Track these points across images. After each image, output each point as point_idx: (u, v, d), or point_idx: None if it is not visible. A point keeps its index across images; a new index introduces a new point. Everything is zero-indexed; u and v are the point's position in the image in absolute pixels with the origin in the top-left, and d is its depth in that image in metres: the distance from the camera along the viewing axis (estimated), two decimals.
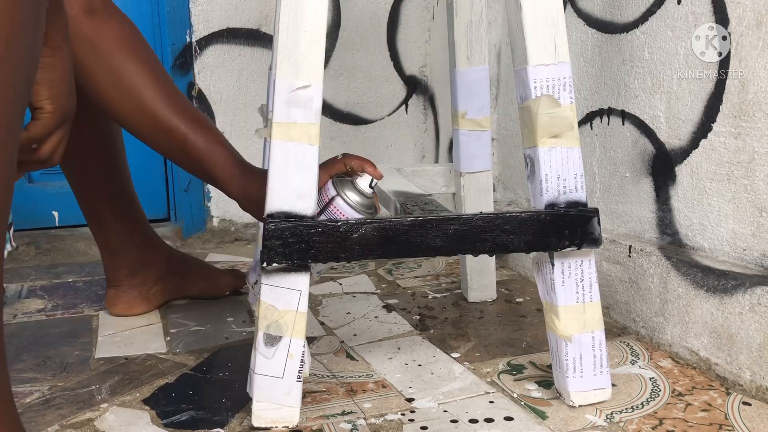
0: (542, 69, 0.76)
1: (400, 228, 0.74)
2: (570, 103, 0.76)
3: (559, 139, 0.77)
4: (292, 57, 0.71)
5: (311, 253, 0.72)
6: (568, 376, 0.79)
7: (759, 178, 0.84)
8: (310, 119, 0.72)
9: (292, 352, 0.74)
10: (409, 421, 0.76)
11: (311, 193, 0.72)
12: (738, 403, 0.80)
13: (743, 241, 0.87)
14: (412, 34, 1.69)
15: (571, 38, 1.16)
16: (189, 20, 1.51)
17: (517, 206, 1.33)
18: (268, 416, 0.75)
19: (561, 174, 0.77)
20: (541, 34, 0.75)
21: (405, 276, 1.31)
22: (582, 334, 0.79)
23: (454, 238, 0.75)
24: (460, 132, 1.09)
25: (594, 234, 0.77)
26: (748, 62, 0.84)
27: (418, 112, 1.73)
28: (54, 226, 1.57)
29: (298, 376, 0.74)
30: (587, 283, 0.79)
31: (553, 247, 0.77)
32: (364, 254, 0.74)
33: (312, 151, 0.72)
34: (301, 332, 0.74)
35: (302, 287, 0.73)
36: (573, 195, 0.77)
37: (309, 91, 0.71)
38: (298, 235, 0.72)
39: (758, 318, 0.80)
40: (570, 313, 0.78)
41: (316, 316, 1.09)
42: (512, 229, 0.76)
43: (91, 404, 0.80)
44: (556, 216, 0.77)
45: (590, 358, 0.79)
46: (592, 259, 0.79)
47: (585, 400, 0.79)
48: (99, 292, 1.19)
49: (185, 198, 1.57)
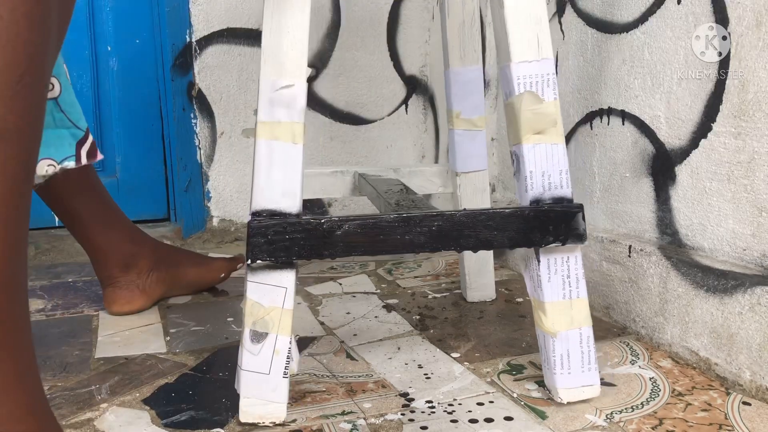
0: (525, 66, 0.76)
1: (383, 225, 0.75)
2: (554, 99, 0.77)
3: (543, 136, 0.77)
4: (275, 57, 0.73)
5: (295, 251, 0.73)
6: (556, 372, 0.79)
7: (759, 178, 0.84)
8: (294, 118, 0.73)
9: (278, 349, 0.74)
10: (409, 421, 0.76)
11: (295, 190, 0.74)
12: (738, 403, 0.80)
13: (743, 241, 0.87)
14: (412, 34, 1.69)
15: (571, 38, 1.17)
16: (189, 20, 1.51)
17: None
18: (255, 412, 0.75)
19: (545, 170, 0.77)
20: (524, 31, 0.75)
21: (405, 276, 1.31)
22: (569, 331, 0.79)
23: (437, 235, 0.75)
24: (455, 132, 1.10)
25: (578, 230, 0.77)
26: (748, 62, 0.84)
27: (417, 112, 1.73)
28: (54, 226, 1.58)
29: (285, 372, 0.75)
30: (574, 279, 0.78)
31: (537, 243, 0.77)
32: (348, 251, 0.75)
33: (296, 150, 0.73)
34: (287, 329, 0.74)
35: (288, 284, 0.74)
36: (558, 191, 0.77)
37: (292, 91, 0.73)
38: (281, 232, 0.72)
39: (758, 318, 0.80)
40: (557, 310, 0.78)
41: (316, 316, 1.09)
42: (495, 226, 0.76)
43: (91, 404, 0.80)
44: (540, 212, 0.76)
45: (578, 354, 0.79)
46: (579, 255, 0.79)
47: (573, 397, 0.79)
48: (99, 292, 1.19)
49: (185, 198, 1.57)
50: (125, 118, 1.63)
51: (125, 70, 1.61)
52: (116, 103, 1.62)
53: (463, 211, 0.76)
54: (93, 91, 1.59)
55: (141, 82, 1.62)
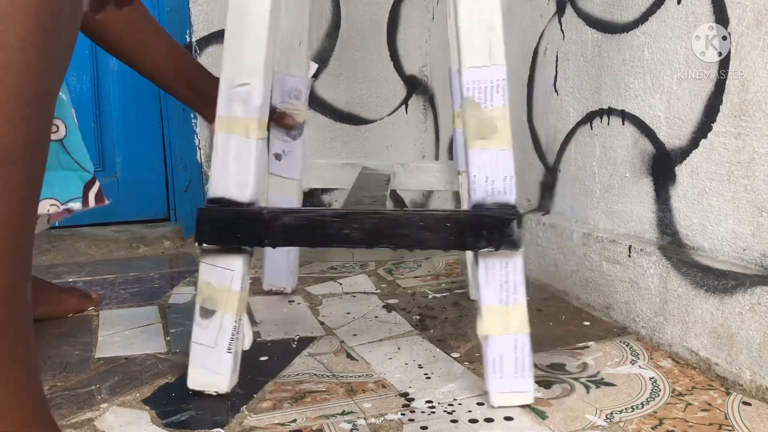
0: (475, 71, 0.77)
1: (321, 219, 0.78)
2: (501, 105, 0.77)
3: (489, 141, 0.77)
4: (234, 57, 0.78)
5: (238, 237, 0.78)
6: (490, 375, 0.79)
7: (759, 178, 0.84)
8: (249, 114, 0.78)
9: (224, 326, 0.80)
10: (409, 421, 0.76)
11: (248, 181, 0.78)
12: (738, 403, 0.80)
13: (743, 241, 0.87)
14: (412, 34, 1.69)
15: (571, 38, 1.17)
16: (189, 20, 1.51)
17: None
18: (201, 380, 0.81)
19: (489, 175, 0.77)
20: (475, 37, 0.76)
21: (405, 276, 1.31)
22: (504, 336, 0.78)
23: (372, 232, 0.78)
24: (456, 131, 1.12)
25: (512, 236, 0.76)
26: (748, 62, 0.84)
27: (418, 112, 1.73)
28: (54, 226, 1.58)
29: (229, 347, 0.80)
30: (512, 285, 0.78)
31: (470, 247, 0.78)
32: (287, 242, 0.79)
33: (249, 143, 0.78)
34: (234, 308, 0.80)
35: (236, 267, 0.79)
36: (501, 197, 0.77)
37: (248, 88, 0.78)
38: (227, 220, 0.78)
39: (758, 318, 0.80)
40: (493, 314, 0.78)
41: (316, 316, 1.09)
42: (430, 227, 0.78)
43: (91, 404, 0.80)
44: (475, 216, 0.77)
45: (512, 359, 0.79)
46: (519, 261, 0.78)
47: (505, 402, 0.79)
48: (99, 292, 1.20)
49: (185, 198, 1.57)
50: (125, 118, 1.63)
51: (125, 70, 1.59)
52: (116, 103, 1.62)
53: (399, 210, 0.79)
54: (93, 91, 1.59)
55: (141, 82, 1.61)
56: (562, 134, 1.21)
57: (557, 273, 1.19)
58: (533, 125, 1.29)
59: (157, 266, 1.41)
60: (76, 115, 0.95)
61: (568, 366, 0.91)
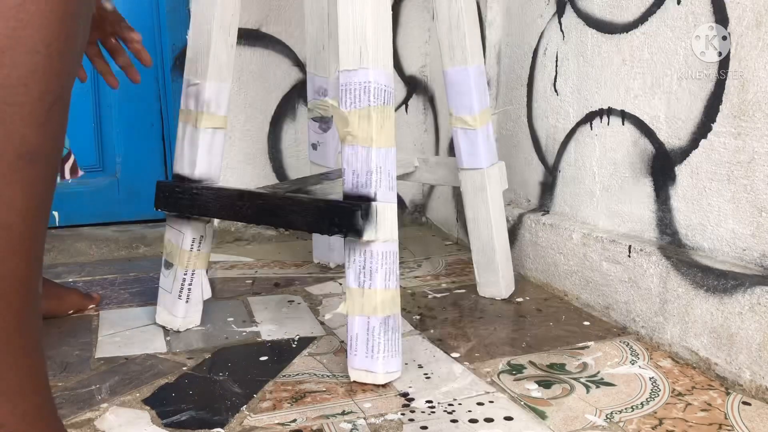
0: (347, 73, 0.83)
1: (225, 196, 0.93)
2: (367, 105, 0.82)
3: (356, 138, 0.83)
4: (190, 63, 0.97)
5: (175, 206, 0.97)
6: (349, 351, 0.86)
7: (759, 178, 0.84)
8: (199, 108, 0.95)
9: (177, 276, 1.00)
10: (409, 421, 0.76)
11: (196, 162, 0.96)
12: (738, 403, 0.80)
13: (743, 241, 0.87)
14: (412, 34, 1.69)
15: (571, 38, 1.17)
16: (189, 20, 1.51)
17: (517, 206, 1.33)
18: (163, 318, 1.03)
19: (356, 170, 0.83)
20: (351, 43, 0.83)
21: (405, 276, 1.31)
22: (359, 317, 0.85)
23: (259, 211, 0.91)
24: (452, 129, 1.14)
25: (356, 226, 0.83)
26: (748, 62, 0.84)
27: (418, 112, 1.73)
28: (54, 225, 1.58)
29: (179, 294, 1.00)
30: (368, 271, 0.84)
31: (325, 232, 0.86)
32: (203, 212, 0.95)
33: (197, 132, 0.96)
34: (183, 263, 0.99)
35: (186, 231, 0.99)
36: (363, 189, 0.83)
37: (198, 87, 0.96)
38: (169, 191, 0.97)
39: (758, 318, 0.80)
40: (352, 295, 0.85)
41: (316, 316, 1.09)
42: (298, 211, 0.88)
43: (91, 404, 0.80)
44: (330, 205, 0.85)
45: (364, 340, 0.85)
46: (377, 250, 0.84)
47: (358, 378, 0.85)
48: (99, 292, 1.20)
49: None
50: (125, 118, 1.63)
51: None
52: (116, 103, 1.62)
53: (277, 195, 0.90)
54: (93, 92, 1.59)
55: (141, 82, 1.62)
56: (561, 134, 1.21)
57: (557, 273, 1.19)
58: (533, 125, 1.30)
59: (157, 266, 1.41)
60: (76, 115, 0.97)
61: (568, 366, 0.91)
